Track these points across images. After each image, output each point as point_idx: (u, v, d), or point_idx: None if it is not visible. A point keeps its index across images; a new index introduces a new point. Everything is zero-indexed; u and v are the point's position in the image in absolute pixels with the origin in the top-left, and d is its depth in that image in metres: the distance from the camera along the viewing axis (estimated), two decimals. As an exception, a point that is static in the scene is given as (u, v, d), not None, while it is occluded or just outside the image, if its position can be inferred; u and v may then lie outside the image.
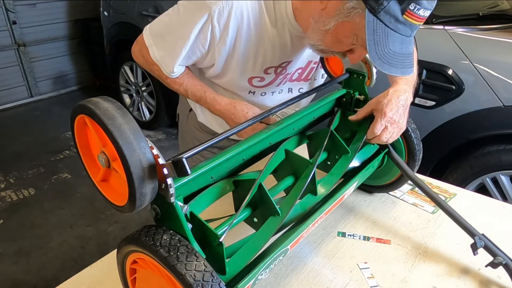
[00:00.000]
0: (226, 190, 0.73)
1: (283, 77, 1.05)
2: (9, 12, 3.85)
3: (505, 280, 0.85)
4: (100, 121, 0.50)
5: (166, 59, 0.96)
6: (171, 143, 3.40)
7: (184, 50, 0.92)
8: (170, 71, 0.98)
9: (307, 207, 0.80)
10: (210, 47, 0.92)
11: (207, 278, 0.54)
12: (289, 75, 1.06)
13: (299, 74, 1.08)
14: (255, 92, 1.07)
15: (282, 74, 1.04)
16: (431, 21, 1.80)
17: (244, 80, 1.02)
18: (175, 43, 0.93)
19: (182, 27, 0.91)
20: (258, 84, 1.04)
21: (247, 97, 1.09)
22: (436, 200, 0.91)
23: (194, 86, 1.02)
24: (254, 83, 1.03)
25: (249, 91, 1.07)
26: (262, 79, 1.03)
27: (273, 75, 1.02)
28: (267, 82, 1.04)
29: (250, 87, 1.05)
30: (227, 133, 0.67)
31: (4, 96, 4.06)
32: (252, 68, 0.98)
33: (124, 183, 0.52)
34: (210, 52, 0.94)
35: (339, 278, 0.86)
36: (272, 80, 1.04)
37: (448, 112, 1.72)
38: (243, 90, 1.07)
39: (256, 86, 1.05)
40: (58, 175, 2.95)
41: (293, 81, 1.09)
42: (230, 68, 0.98)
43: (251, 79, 1.02)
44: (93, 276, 0.87)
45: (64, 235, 2.33)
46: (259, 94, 1.08)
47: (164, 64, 0.97)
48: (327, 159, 0.91)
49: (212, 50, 0.93)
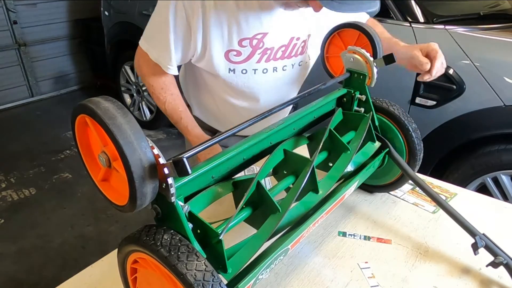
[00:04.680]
0: (225, 190, 0.73)
1: (263, 52, 1.05)
2: (10, 12, 3.86)
3: (506, 280, 0.85)
4: (100, 121, 0.50)
5: (162, 53, 1.02)
6: (171, 143, 3.40)
7: (171, 36, 0.98)
8: (167, 63, 1.03)
9: (309, 206, 0.80)
10: (188, 25, 0.98)
11: (207, 278, 0.54)
12: (272, 52, 1.06)
13: (282, 52, 1.09)
14: (235, 70, 1.07)
15: (259, 48, 1.04)
16: (432, 21, 1.80)
17: (220, 55, 1.03)
18: (162, 34, 0.99)
19: (162, 18, 0.98)
20: (235, 60, 1.04)
21: (229, 79, 1.09)
22: (436, 200, 0.91)
23: (174, 109, 1.09)
24: (231, 57, 1.04)
25: (229, 69, 1.06)
26: (238, 52, 1.03)
27: (250, 48, 1.03)
28: (245, 56, 1.04)
29: (229, 64, 1.05)
30: (229, 132, 0.67)
31: (5, 96, 4.07)
32: (228, 40, 1.01)
33: (124, 182, 0.52)
34: (192, 31, 0.98)
35: (340, 278, 0.86)
36: (250, 55, 1.04)
37: (449, 112, 1.72)
38: (223, 69, 1.06)
39: (234, 61, 1.05)
40: (59, 175, 2.95)
41: (277, 60, 1.09)
42: (207, 44, 1.00)
43: (227, 53, 1.03)
44: (94, 275, 0.87)
45: (65, 235, 2.34)
46: (240, 72, 1.07)
47: (162, 58, 1.03)
48: (327, 159, 0.91)
49: (191, 29, 0.98)
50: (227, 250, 0.65)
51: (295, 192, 0.75)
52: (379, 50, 1.00)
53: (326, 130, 0.88)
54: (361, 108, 0.99)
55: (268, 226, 0.70)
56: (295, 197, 0.74)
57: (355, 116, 0.98)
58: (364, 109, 0.99)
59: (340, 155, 0.89)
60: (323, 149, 0.89)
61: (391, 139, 1.01)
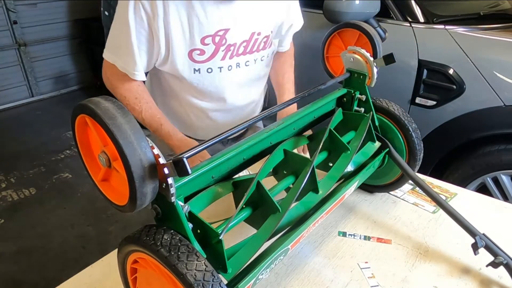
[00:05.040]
0: (225, 190, 0.73)
1: (226, 49, 1.05)
2: (10, 12, 3.86)
3: (506, 280, 0.85)
4: (100, 121, 0.50)
5: (127, 59, 1.00)
6: (171, 143, 3.40)
7: (133, 40, 0.97)
8: (133, 69, 1.01)
9: (309, 205, 0.80)
10: (149, 27, 0.97)
11: (207, 278, 0.54)
12: (234, 48, 1.06)
13: (244, 47, 1.09)
14: (200, 70, 1.06)
15: (223, 45, 1.04)
16: (432, 21, 1.80)
17: (184, 55, 1.02)
18: (124, 39, 0.98)
19: (122, 23, 0.97)
20: (199, 59, 1.04)
21: (195, 80, 1.08)
22: (437, 200, 0.91)
23: (152, 117, 1.06)
24: (195, 57, 1.03)
25: (194, 70, 1.05)
26: (202, 51, 1.03)
27: (213, 46, 1.03)
28: (209, 54, 1.04)
29: (193, 64, 1.04)
30: (226, 133, 0.67)
31: (5, 96, 4.07)
32: (190, 38, 1.00)
33: (125, 182, 0.52)
34: (153, 33, 0.97)
35: (340, 278, 0.86)
36: (214, 52, 1.04)
37: (449, 112, 1.72)
38: (187, 70, 1.05)
39: (198, 61, 1.04)
40: (59, 175, 2.95)
41: (239, 55, 1.09)
42: (170, 45, 1.00)
43: (191, 53, 1.02)
44: (94, 275, 0.87)
45: (65, 235, 2.34)
46: (206, 71, 1.06)
47: (127, 64, 1.01)
48: (328, 159, 0.91)
49: (153, 30, 0.97)
50: (227, 250, 0.65)
51: (295, 192, 0.75)
52: (379, 50, 1.00)
53: (326, 130, 0.88)
54: (361, 108, 0.99)
55: (268, 226, 0.70)
56: (295, 197, 0.74)
57: (355, 116, 0.98)
58: (364, 109, 0.99)
59: (340, 155, 0.89)
60: (323, 149, 0.90)
61: (391, 139, 1.01)
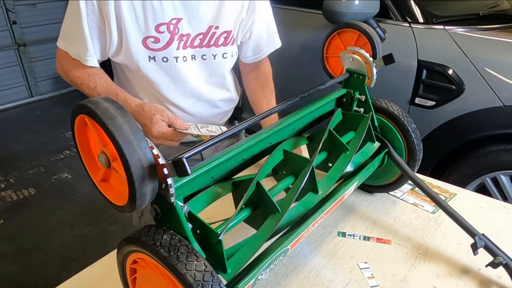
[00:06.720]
0: (224, 191, 0.73)
1: (179, 38, 1.04)
2: (9, 12, 3.86)
3: (505, 280, 0.85)
4: (100, 121, 0.50)
5: (77, 44, 1.00)
6: (171, 143, 3.40)
7: (84, 26, 0.97)
8: (85, 55, 1.01)
9: (308, 206, 0.80)
10: (100, 13, 0.97)
11: (207, 278, 0.54)
12: (187, 39, 1.06)
13: (200, 40, 1.08)
14: (155, 58, 1.05)
15: (176, 34, 1.03)
16: (432, 21, 1.80)
17: (138, 42, 1.01)
18: (76, 25, 0.98)
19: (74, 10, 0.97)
20: (154, 46, 1.03)
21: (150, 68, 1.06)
22: (436, 200, 0.91)
23: (108, 89, 1.05)
24: (149, 44, 1.02)
25: (149, 57, 1.05)
26: (156, 39, 1.02)
27: (168, 34, 1.02)
28: (164, 43, 1.03)
29: (148, 51, 1.03)
30: (225, 134, 0.67)
31: (4, 96, 4.07)
32: (145, 25, 1.00)
33: (124, 183, 0.52)
34: (105, 19, 0.97)
35: (339, 278, 0.86)
36: (169, 41, 1.03)
37: (448, 112, 1.72)
38: (142, 57, 1.04)
39: (153, 49, 1.03)
40: (58, 175, 2.95)
41: (195, 47, 1.08)
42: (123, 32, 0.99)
43: (145, 40, 1.02)
44: (93, 276, 0.87)
45: (64, 235, 2.34)
46: (161, 60, 1.05)
47: (78, 51, 1.01)
48: (327, 160, 0.91)
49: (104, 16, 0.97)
50: (227, 250, 0.65)
51: (295, 192, 0.75)
52: (378, 50, 1.00)
53: (326, 130, 0.88)
54: (360, 109, 0.99)
55: (267, 227, 0.70)
56: (294, 197, 0.74)
57: (355, 116, 0.98)
58: (363, 110, 0.99)
59: (340, 155, 0.89)
60: (323, 149, 0.90)
61: (391, 139, 1.01)
